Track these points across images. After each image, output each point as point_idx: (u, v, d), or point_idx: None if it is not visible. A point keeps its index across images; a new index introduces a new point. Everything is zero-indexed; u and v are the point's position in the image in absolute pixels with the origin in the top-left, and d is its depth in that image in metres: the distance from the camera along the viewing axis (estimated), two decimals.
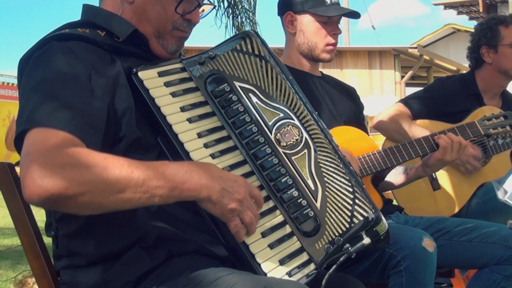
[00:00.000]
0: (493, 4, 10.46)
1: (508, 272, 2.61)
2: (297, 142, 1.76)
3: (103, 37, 1.76)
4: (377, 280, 2.47)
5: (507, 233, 2.62)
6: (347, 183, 1.73)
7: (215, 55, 1.81)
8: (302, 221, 1.70)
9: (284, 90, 1.80)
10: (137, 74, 1.71)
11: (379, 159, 2.73)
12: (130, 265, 1.67)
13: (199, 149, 1.70)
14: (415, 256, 2.33)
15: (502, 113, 2.97)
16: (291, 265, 1.66)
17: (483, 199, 3.24)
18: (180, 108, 1.73)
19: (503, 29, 3.40)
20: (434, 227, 2.74)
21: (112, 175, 1.45)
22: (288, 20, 2.81)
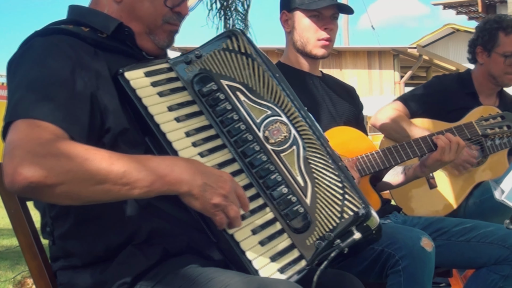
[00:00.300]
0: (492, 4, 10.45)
1: (506, 272, 2.61)
2: (285, 139, 1.75)
3: (86, 32, 1.76)
4: (376, 279, 2.47)
5: (504, 233, 2.62)
6: (336, 179, 1.72)
7: (202, 54, 1.80)
8: (292, 218, 1.69)
9: (271, 87, 1.79)
10: (123, 74, 1.70)
11: (377, 160, 2.73)
12: (126, 265, 1.67)
13: (188, 148, 1.69)
14: (413, 255, 2.33)
15: (499, 114, 2.97)
16: (282, 262, 1.65)
17: (480, 198, 3.23)
18: (168, 108, 1.72)
19: (502, 36, 3.37)
20: (432, 227, 2.74)
21: (92, 166, 1.46)
22: (284, 19, 2.82)
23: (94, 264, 1.71)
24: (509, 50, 3.35)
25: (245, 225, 1.66)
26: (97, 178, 1.46)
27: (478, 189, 3.29)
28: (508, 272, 2.61)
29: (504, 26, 3.36)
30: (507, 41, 3.36)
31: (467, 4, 11.02)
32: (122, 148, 1.66)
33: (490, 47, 3.40)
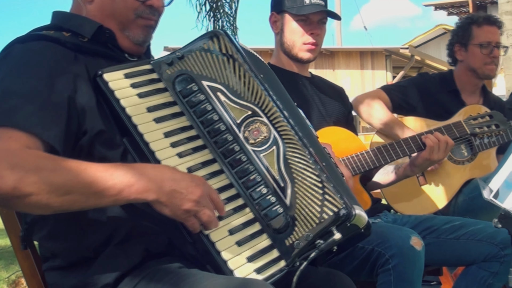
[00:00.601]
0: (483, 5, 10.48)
1: (495, 269, 2.63)
2: (265, 139, 1.74)
3: (67, 37, 1.76)
4: (366, 278, 2.48)
5: (493, 230, 2.64)
6: (316, 179, 1.70)
7: (183, 55, 1.79)
8: (272, 218, 1.68)
9: (252, 87, 1.77)
10: (102, 76, 1.70)
11: (367, 159, 2.75)
12: (108, 266, 1.68)
13: (166, 148, 1.69)
14: (403, 254, 2.34)
15: (488, 113, 2.99)
16: (261, 262, 1.64)
17: (470, 196, 3.25)
18: (147, 109, 1.71)
19: (475, 29, 3.43)
20: (422, 226, 2.76)
21: (59, 178, 1.48)
22: (273, 20, 2.84)
23: (79, 264, 1.71)
24: (484, 41, 3.41)
25: (222, 226, 1.65)
26: (65, 189, 1.48)
27: (467, 187, 3.30)
28: (497, 269, 2.63)
29: (475, 19, 3.45)
30: (480, 32, 3.42)
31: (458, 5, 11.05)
32: (99, 150, 1.68)
33: (465, 41, 3.46)
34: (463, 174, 3.34)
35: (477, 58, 3.43)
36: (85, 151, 1.67)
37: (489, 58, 3.43)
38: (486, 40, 3.41)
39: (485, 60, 3.43)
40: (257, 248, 1.66)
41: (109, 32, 1.81)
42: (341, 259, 2.44)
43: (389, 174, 2.91)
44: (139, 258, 1.70)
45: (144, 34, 1.86)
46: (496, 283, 2.66)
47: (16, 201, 1.46)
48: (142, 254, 1.70)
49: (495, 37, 3.45)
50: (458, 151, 3.32)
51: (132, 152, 1.69)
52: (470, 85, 3.51)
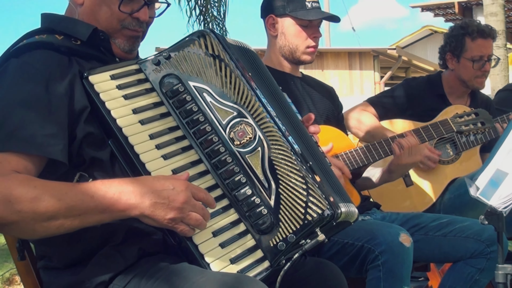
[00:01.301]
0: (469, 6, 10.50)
1: (481, 265, 2.64)
2: (250, 140, 1.72)
3: (61, 40, 1.75)
4: (356, 274, 2.48)
5: (480, 227, 2.65)
6: (301, 180, 1.69)
7: (170, 56, 1.77)
8: (256, 219, 1.67)
9: (238, 88, 1.75)
10: (87, 78, 1.68)
11: (356, 157, 2.76)
12: (103, 265, 1.67)
13: (151, 151, 1.68)
14: (392, 251, 2.35)
15: (474, 111, 2.99)
16: (245, 263, 1.64)
17: (455, 194, 3.26)
18: (133, 110, 1.70)
19: (469, 42, 3.39)
20: (410, 223, 2.76)
21: (40, 205, 1.49)
22: (270, 23, 2.82)
23: (73, 266, 1.71)
24: (477, 55, 3.38)
25: (206, 227, 1.64)
26: (47, 215, 1.50)
27: (453, 185, 3.31)
28: (484, 265, 2.64)
29: (469, 32, 3.39)
30: (474, 46, 3.39)
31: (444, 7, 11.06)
32: (88, 152, 1.67)
33: (458, 53, 3.43)
34: (448, 173, 3.35)
35: (468, 71, 3.42)
36: (74, 155, 1.66)
37: (480, 72, 3.41)
38: (478, 54, 3.39)
39: (476, 74, 3.41)
40: (241, 248, 1.65)
41: (104, 35, 1.80)
42: (330, 256, 2.45)
43: (372, 179, 2.94)
44: (135, 258, 1.70)
45: (130, 44, 1.85)
46: (483, 279, 2.67)
47: (4, 228, 1.51)
48: (137, 254, 1.70)
49: (488, 51, 3.42)
50: (443, 150, 3.33)
51: (117, 154, 1.67)
52: (458, 91, 3.51)
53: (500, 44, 7.73)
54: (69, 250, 1.70)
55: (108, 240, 1.70)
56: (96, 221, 1.56)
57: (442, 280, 2.79)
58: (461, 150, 3.31)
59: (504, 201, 1.86)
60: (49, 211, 1.49)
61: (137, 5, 1.81)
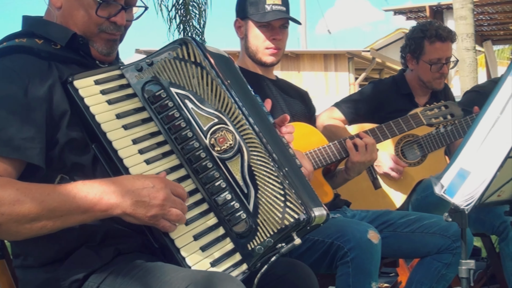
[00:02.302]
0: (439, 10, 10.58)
1: (447, 260, 2.67)
2: (231, 147, 1.72)
3: (40, 44, 1.73)
4: (326, 271, 2.50)
5: (446, 224, 2.67)
6: (279, 186, 1.70)
7: (153, 62, 1.76)
8: (235, 223, 1.68)
9: (219, 95, 1.75)
10: (72, 83, 1.67)
11: (328, 153, 2.76)
12: (79, 264, 1.67)
13: (134, 155, 1.68)
14: (361, 247, 2.37)
15: (443, 103, 3.00)
16: (224, 266, 1.65)
17: (422, 195, 3.28)
18: (116, 115, 1.69)
19: (427, 45, 3.42)
20: (379, 220, 2.79)
21: (23, 207, 1.49)
22: (237, 26, 2.85)
23: (49, 264, 1.70)
24: (435, 58, 3.41)
25: (188, 231, 1.65)
26: (30, 217, 1.50)
27: (419, 186, 3.32)
28: (450, 260, 2.67)
29: (428, 35, 3.42)
30: (432, 49, 3.41)
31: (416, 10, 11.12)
32: (70, 157, 1.66)
33: (417, 55, 3.45)
34: (415, 174, 3.36)
35: (426, 73, 3.45)
36: (55, 160, 1.65)
37: (438, 74, 3.45)
38: (436, 57, 3.41)
39: (434, 75, 3.45)
40: (221, 252, 1.66)
41: (83, 40, 1.78)
42: (301, 253, 2.46)
43: (333, 178, 2.92)
44: (111, 257, 1.69)
45: (108, 47, 1.83)
46: (449, 273, 2.70)
47: None
48: (113, 254, 1.70)
49: (446, 53, 3.45)
50: (411, 152, 3.36)
51: (101, 159, 1.67)
52: (420, 89, 3.54)
53: (469, 46, 7.80)
54: (46, 250, 1.69)
55: (86, 241, 1.69)
56: (79, 221, 1.57)
57: (410, 275, 2.82)
58: (426, 152, 3.33)
59: (466, 198, 1.88)
60: (32, 213, 1.50)
61: (115, 9, 1.79)
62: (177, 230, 1.64)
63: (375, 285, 2.39)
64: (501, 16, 10.78)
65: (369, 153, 2.75)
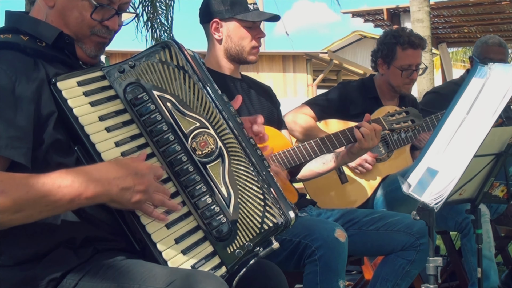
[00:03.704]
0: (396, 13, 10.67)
1: (411, 257, 2.70)
2: (212, 151, 1.71)
3: (26, 41, 1.68)
4: (293, 269, 2.51)
5: (410, 221, 2.71)
6: (258, 191, 1.70)
7: (135, 65, 1.73)
8: (215, 227, 1.67)
9: (201, 99, 1.74)
10: (56, 84, 1.63)
11: (293, 156, 2.77)
12: (56, 263, 1.63)
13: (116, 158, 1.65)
14: (328, 246, 2.37)
15: (404, 109, 3.04)
16: (203, 269, 1.65)
17: (387, 190, 3.32)
18: (99, 118, 1.66)
19: (399, 51, 3.46)
20: (344, 218, 2.80)
21: (8, 198, 1.46)
22: (215, 27, 2.77)
23: (24, 263, 1.65)
24: (406, 64, 3.46)
25: (169, 234, 1.65)
26: (15, 208, 1.47)
27: (384, 182, 3.37)
28: (414, 257, 2.70)
29: (401, 42, 3.46)
30: (403, 55, 3.46)
31: (373, 13, 11.19)
32: (54, 158, 1.63)
33: (389, 60, 3.49)
34: (381, 170, 3.41)
35: (397, 78, 3.49)
36: (40, 160, 1.61)
37: (408, 79, 3.50)
38: (407, 63, 3.46)
39: (404, 81, 3.49)
40: (200, 255, 1.66)
41: (69, 39, 1.74)
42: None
43: (327, 163, 2.95)
44: (89, 256, 1.67)
45: (97, 50, 1.80)
46: (413, 270, 2.73)
47: None
48: (91, 253, 1.67)
49: (417, 60, 3.50)
50: (376, 148, 3.39)
51: (83, 161, 1.64)
52: (389, 94, 3.58)
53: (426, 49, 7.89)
54: (22, 250, 1.65)
55: (64, 244, 1.66)
56: (66, 209, 1.55)
57: (375, 272, 2.83)
58: (392, 149, 3.37)
59: (435, 197, 1.91)
60: (17, 204, 1.47)
61: (108, 13, 1.76)
62: (159, 233, 1.63)
63: (342, 282, 2.41)
64: (456, 19, 10.93)
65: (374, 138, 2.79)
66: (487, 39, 4.19)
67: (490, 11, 10.38)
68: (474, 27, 11.59)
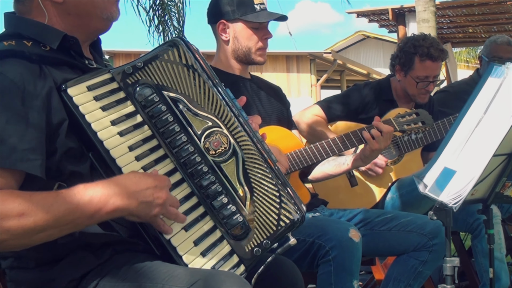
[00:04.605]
0: (402, 13, 10.66)
1: (424, 258, 2.70)
2: (225, 150, 1.72)
3: (30, 47, 1.65)
4: (307, 269, 2.50)
5: (422, 222, 2.71)
6: (274, 188, 1.71)
7: (144, 65, 1.71)
8: (232, 226, 1.68)
9: (211, 98, 1.73)
10: (66, 91, 1.61)
11: (305, 156, 2.77)
12: (75, 264, 1.65)
13: (131, 163, 1.65)
14: (342, 246, 2.37)
15: (414, 111, 3.04)
16: (224, 268, 1.67)
17: (398, 193, 3.32)
18: (111, 122, 1.65)
19: (417, 61, 3.42)
20: (357, 218, 2.81)
21: (29, 221, 1.45)
22: (221, 28, 2.78)
23: (41, 263, 1.66)
24: (422, 75, 3.42)
25: (188, 237, 1.66)
26: (37, 229, 1.47)
27: (395, 186, 3.37)
28: (426, 258, 2.70)
29: (420, 53, 3.41)
30: (421, 67, 3.42)
31: (378, 13, 11.18)
32: (67, 166, 1.62)
33: (406, 69, 3.46)
34: (391, 174, 3.41)
35: (412, 87, 3.46)
36: (53, 169, 1.60)
37: (423, 90, 3.47)
38: (424, 74, 3.42)
39: (419, 91, 3.46)
40: (219, 255, 1.67)
41: (73, 40, 1.73)
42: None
43: (340, 166, 2.94)
44: (107, 256, 1.67)
45: None
46: (425, 270, 2.73)
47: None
48: (110, 253, 1.68)
49: (435, 72, 3.46)
50: (387, 152, 3.38)
51: (98, 167, 1.64)
52: (404, 98, 3.56)
53: None
54: (41, 254, 1.64)
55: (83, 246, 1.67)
56: (86, 225, 1.55)
57: (387, 272, 2.84)
58: (403, 152, 3.36)
59: (454, 197, 1.90)
60: (38, 225, 1.46)
61: None
62: (178, 237, 1.64)
63: (356, 283, 2.41)
64: (461, 19, 10.92)
65: (386, 139, 2.76)
66: (495, 39, 4.18)
67: (495, 11, 10.36)
68: (479, 27, 11.58)
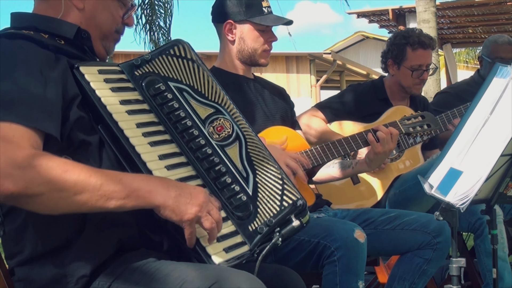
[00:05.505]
0: (402, 13, 10.70)
1: (428, 256, 2.71)
2: (229, 134, 1.82)
3: (47, 39, 1.75)
4: (312, 270, 2.51)
5: (426, 220, 2.73)
6: (276, 170, 1.80)
7: (151, 59, 1.86)
8: (236, 206, 1.74)
9: (214, 88, 1.87)
10: (78, 68, 1.73)
11: (311, 157, 2.77)
12: (82, 257, 1.65)
13: (138, 137, 1.73)
14: (347, 246, 2.38)
15: (420, 113, 3.06)
16: (227, 244, 1.69)
17: (400, 189, 3.36)
18: (120, 102, 1.76)
19: (409, 51, 3.51)
20: (360, 218, 2.81)
21: (71, 177, 1.48)
22: (228, 28, 2.81)
23: (49, 254, 1.67)
24: (416, 64, 3.51)
25: None
26: (76, 189, 1.48)
27: (397, 182, 3.42)
28: (431, 256, 2.71)
29: (411, 42, 3.51)
30: (413, 56, 3.51)
31: (379, 13, 11.22)
32: (78, 135, 1.68)
33: (399, 61, 3.55)
34: (392, 170, 3.46)
35: (407, 78, 3.54)
36: (64, 137, 1.65)
37: (418, 80, 3.55)
38: (417, 63, 3.51)
39: (414, 81, 3.55)
40: (222, 233, 1.70)
41: (86, 33, 1.84)
42: (286, 252, 2.47)
43: (346, 169, 2.98)
44: (113, 248, 1.69)
45: (113, 47, 1.94)
46: (430, 269, 2.75)
47: (28, 200, 1.47)
48: (116, 246, 1.70)
49: (427, 60, 3.55)
50: None
51: (107, 138, 1.71)
52: (399, 95, 3.65)
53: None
54: (46, 236, 1.66)
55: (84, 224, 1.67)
56: (119, 205, 1.54)
57: (391, 271, 2.84)
58: (403, 148, 3.38)
59: (461, 197, 1.91)
60: (78, 185, 1.48)
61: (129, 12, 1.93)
62: None
63: (361, 283, 2.42)
64: (461, 19, 10.96)
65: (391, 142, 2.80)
66: (496, 38, 4.21)
67: (495, 11, 10.42)
68: (479, 28, 11.61)
